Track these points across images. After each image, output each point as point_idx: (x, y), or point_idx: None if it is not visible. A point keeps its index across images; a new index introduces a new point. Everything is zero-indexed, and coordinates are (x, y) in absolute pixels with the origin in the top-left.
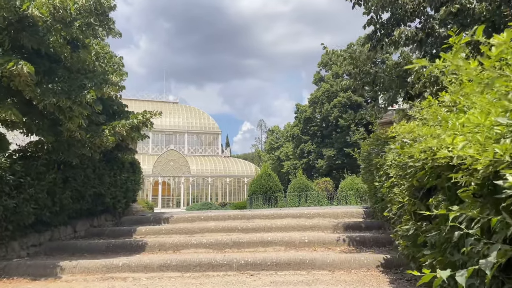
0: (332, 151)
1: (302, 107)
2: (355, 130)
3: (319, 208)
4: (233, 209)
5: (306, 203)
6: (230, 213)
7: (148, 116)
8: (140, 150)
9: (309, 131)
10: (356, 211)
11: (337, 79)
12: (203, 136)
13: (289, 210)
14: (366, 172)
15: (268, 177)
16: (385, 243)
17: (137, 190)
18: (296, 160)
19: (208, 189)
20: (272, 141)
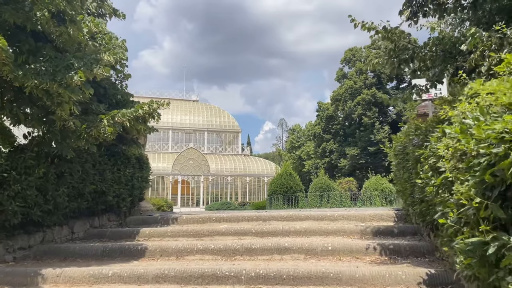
0: (355, 150)
1: (324, 105)
2: (379, 128)
3: (343, 209)
4: (251, 209)
5: (328, 203)
6: (245, 214)
7: (155, 106)
8: (160, 148)
9: (331, 130)
10: (386, 214)
11: (361, 76)
12: (223, 134)
13: (310, 212)
14: (399, 169)
15: (288, 177)
16: (424, 252)
17: (145, 187)
18: (318, 159)
19: (227, 188)
20: (293, 140)
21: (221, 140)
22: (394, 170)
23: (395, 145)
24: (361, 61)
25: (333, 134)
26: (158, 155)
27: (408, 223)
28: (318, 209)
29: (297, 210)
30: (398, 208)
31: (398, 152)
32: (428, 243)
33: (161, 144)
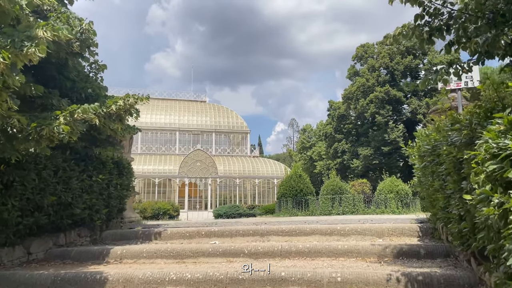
0: (368, 150)
1: (335, 103)
2: (393, 127)
3: (356, 221)
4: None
5: (340, 207)
6: (240, 228)
7: (131, 101)
8: (167, 150)
9: (343, 129)
10: (407, 227)
11: (373, 73)
12: (231, 135)
13: (317, 225)
14: (426, 174)
15: (298, 179)
16: (462, 285)
17: (126, 196)
18: (330, 160)
19: (236, 191)
20: (304, 141)
21: (229, 141)
22: (419, 175)
23: (419, 145)
24: (374, 57)
25: (345, 134)
26: (164, 157)
27: (436, 239)
28: (327, 217)
29: (303, 220)
30: (422, 219)
31: (425, 153)
32: (468, 272)
33: (168, 146)
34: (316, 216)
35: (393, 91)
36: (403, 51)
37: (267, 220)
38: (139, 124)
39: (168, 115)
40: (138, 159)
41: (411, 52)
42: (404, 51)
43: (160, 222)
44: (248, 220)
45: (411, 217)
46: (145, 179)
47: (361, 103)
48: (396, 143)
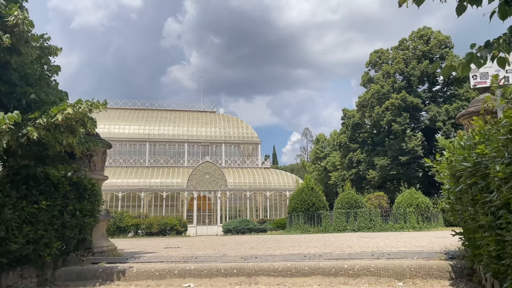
0: (385, 160)
1: (350, 112)
2: (411, 136)
3: (367, 254)
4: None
5: (356, 222)
6: (221, 266)
7: (83, 108)
8: (175, 162)
9: (358, 138)
10: (436, 266)
11: (388, 79)
12: (241, 146)
13: (319, 262)
14: (465, 201)
15: (310, 192)
16: None
17: (90, 224)
18: (344, 170)
19: (246, 204)
20: (317, 151)
21: (239, 153)
22: (451, 200)
23: (451, 159)
24: (388, 63)
25: (360, 143)
26: (173, 170)
27: (476, 284)
28: (341, 234)
29: (315, 237)
30: (453, 253)
31: (463, 172)
32: None
33: (176, 158)
34: (330, 233)
35: (410, 97)
36: (419, 55)
37: (278, 239)
38: (146, 136)
39: (176, 127)
40: (145, 172)
41: (428, 56)
42: (421, 56)
43: (138, 250)
44: (254, 240)
45: (436, 239)
46: (152, 192)
47: (377, 111)
48: (414, 153)
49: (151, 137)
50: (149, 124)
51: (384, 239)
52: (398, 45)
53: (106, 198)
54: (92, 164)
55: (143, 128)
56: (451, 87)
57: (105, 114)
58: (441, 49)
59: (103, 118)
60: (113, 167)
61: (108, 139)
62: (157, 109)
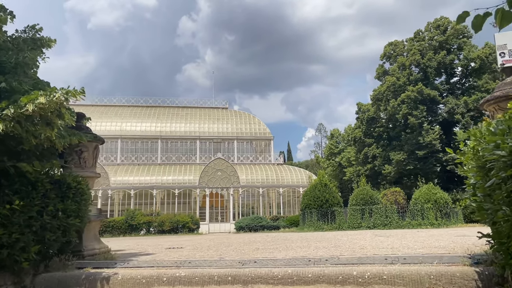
0: (401, 154)
1: (364, 106)
2: (428, 129)
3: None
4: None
5: (371, 219)
6: (215, 272)
7: (58, 97)
8: (187, 159)
9: (373, 133)
10: (460, 273)
11: (404, 71)
12: (254, 142)
13: (324, 268)
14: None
15: (323, 188)
16: None
17: (75, 226)
18: (359, 166)
19: (259, 201)
20: (331, 146)
21: (252, 149)
22: (478, 196)
23: (477, 148)
24: (404, 55)
25: (375, 138)
26: (185, 167)
27: None
28: (355, 231)
29: (329, 234)
30: (478, 259)
31: (496, 161)
32: None
33: (188, 155)
34: (344, 230)
35: (427, 90)
36: (436, 46)
37: (288, 238)
38: (158, 133)
39: (188, 123)
40: (157, 170)
41: (445, 47)
42: (437, 46)
43: (137, 252)
44: (262, 239)
45: (456, 238)
46: (164, 190)
47: (392, 104)
48: (432, 147)
49: (163, 134)
50: (161, 121)
51: (400, 239)
52: (414, 37)
53: (118, 196)
54: (82, 160)
55: (155, 125)
56: (470, 78)
57: (117, 111)
58: (459, 39)
59: (115, 115)
60: (125, 165)
61: (120, 136)
62: (169, 106)
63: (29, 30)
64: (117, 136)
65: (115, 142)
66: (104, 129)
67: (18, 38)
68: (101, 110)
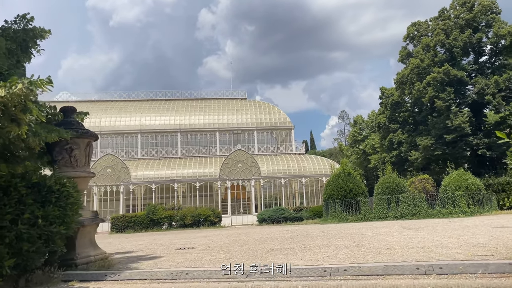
0: (428, 139)
1: (388, 90)
2: (457, 112)
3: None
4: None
5: (398, 208)
6: (212, 286)
7: (20, 88)
8: (207, 152)
9: (398, 118)
10: None
11: (428, 53)
12: (274, 132)
13: (343, 280)
14: None
15: (347, 177)
16: None
17: (58, 235)
18: (385, 153)
19: (281, 192)
20: (355, 133)
21: (272, 139)
22: None
23: None
24: (428, 35)
25: (400, 123)
26: (205, 160)
27: None
28: (382, 222)
29: (354, 226)
30: None
31: None
32: None
33: (208, 148)
34: (370, 221)
35: (454, 70)
36: (462, 24)
37: (308, 233)
38: (177, 126)
39: (207, 115)
40: (178, 163)
41: (472, 24)
42: (463, 25)
43: (144, 254)
44: (284, 234)
45: (495, 230)
46: (186, 183)
47: (417, 87)
48: (461, 130)
49: (182, 127)
50: (180, 114)
51: (431, 232)
52: (438, 15)
53: (140, 191)
54: (73, 159)
55: (174, 119)
56: (500, 56)
57: (136, 106)
58: (487, 16)
59: (134, 110)
60: (145, 159)
61: (140, 131)
62: (188, 99)
63: (19, 21)
64: (137, 130)
65: (135, 137)
66: (124, 124)
67: (8, 29)
68: (120, 105)
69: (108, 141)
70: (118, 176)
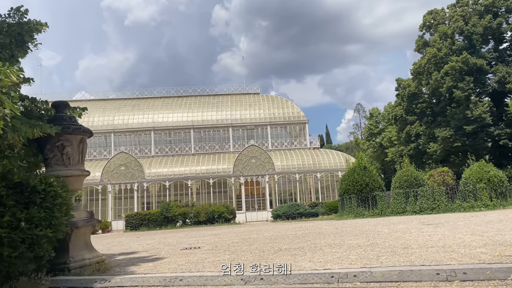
0: (447, 131)
1: (404, 81)
2: (477, 102)
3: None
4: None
5: (417, 202)
6: None
7: None
8: (221, 148)
9: (415, 110)
10: None
11: (445, 41)
12: (288, 127)
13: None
14: None
15: (363, 171)
16: None
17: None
18: (402, 145)
19: (296, 187)
20: (371, 126)
21: (286, 134)
22: None
23: None
24: (445, 23)
25: (418, 115)
26: (218, 156)
27: None
28: (400, 217)
29: (370, 222)
30: None
31: None
32: None
33: (222, 144)
34: (387, 216)
35: (473, 59)
36: (481, 10)
37: (321, 230)
38: (190, 123)
39: (220, 111)
40: (191, 160)
41: (491, 10)
42: (483, 11)
43: (147, 255)
44: (297, 232)
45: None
46: (199, 180)
47: (434, 77)
48: (481, 120)
49: (195, 123)
50: (193, 111)
51: (452, 229)
52: (456, 2)
53: (154, 188)
54: (65, 157)
55: (187, 115)
56: None
57: (148, 103)
58: (506, 1)
59: (147, 108)
60: (159, 157)
61: (153, 128)
62: (200, 95)
63: (13, 14)
64: (150, 128)
65: (148, 134)
66: (137, 121)
67: (2, 22)
68: (134, 103)
69: (122, 139)
70: (132, 174)
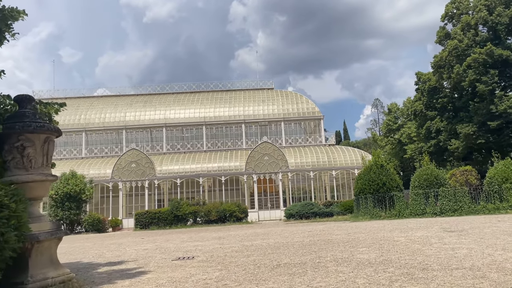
0: (470, 127)
1: (425, 75)
2: (502, 96)
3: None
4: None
5: (437, 203)
6: None
7: None
8: (233, 145)
9: (436, 105)
10: None
11: (468, 32)
12: (302, 123)
13: None
14: None
15: (380, 170)
16: None
17: None
18: (422, 142)
19: (310, 185)
20: (389, 122)
21: (300, 130)
22: None
23: None
24: (468, 13)
25: (438, 110)
26: (231, 153)
27: None
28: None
29: (387, 224)
30: None
31: None
32: None
33: (234, 141)
34: (405, 218)
35: (498, 50)
36: (507, 0)
37: (331, 238)
38: (202, 119)
39: (232, 107)
40: (203, 157)
41: None
42: (509, 0)
43: (129, 267)
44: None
45: None
46: (211, 177)
47: (456, 70)
48: (507, 116)
49: (207, 120)
50: (205, 107)
51: (478, 239)
52: None
53: (166, 186)
54: (26, 159)
55: (199, 111)
56: None
57: (160, 99)
58: None
59: (159, 104)
60: (171, 154)
61: (164, 125)
62: (213, 91)
63: None
64: (161, 124)
65: (160, 131)
66: (149, 118)
67: None
68: (145, 99)
69: (133, 136)
70: (143, 171)
